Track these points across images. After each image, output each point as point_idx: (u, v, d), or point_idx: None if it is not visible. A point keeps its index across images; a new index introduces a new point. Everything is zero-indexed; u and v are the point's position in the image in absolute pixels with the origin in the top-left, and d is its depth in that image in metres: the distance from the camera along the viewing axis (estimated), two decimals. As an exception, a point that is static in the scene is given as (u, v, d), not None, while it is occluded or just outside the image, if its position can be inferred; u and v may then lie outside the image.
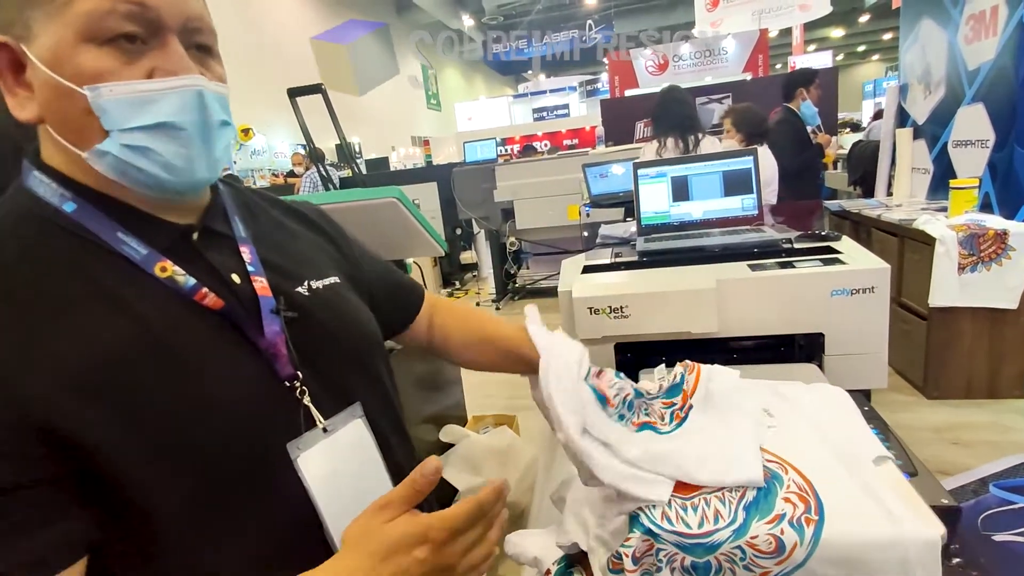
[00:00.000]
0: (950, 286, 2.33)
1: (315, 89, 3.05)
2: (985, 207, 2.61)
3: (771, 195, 2.88)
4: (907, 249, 2.62)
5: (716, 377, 0.65)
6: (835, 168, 5.59)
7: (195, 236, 0.56)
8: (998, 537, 0.89)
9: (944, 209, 2.62)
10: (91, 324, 0.47)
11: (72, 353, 0.46)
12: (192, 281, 0.53)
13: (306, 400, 0.57)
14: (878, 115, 5.16)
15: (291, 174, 8.45)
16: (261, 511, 0.52)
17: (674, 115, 2.86)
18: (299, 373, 0.57)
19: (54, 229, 0.50)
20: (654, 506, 0.54)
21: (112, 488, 0.46)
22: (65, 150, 0.51)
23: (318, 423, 0.57)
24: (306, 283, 0.63)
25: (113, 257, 0.51)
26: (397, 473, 0.64)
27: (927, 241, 2.40)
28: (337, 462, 0.58)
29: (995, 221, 2.34)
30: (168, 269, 0.52)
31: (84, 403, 0.45)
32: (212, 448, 0.49)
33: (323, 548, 0.55)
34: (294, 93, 3.12)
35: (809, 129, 3.61)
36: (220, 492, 0.50)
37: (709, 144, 2.86)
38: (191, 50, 0.53)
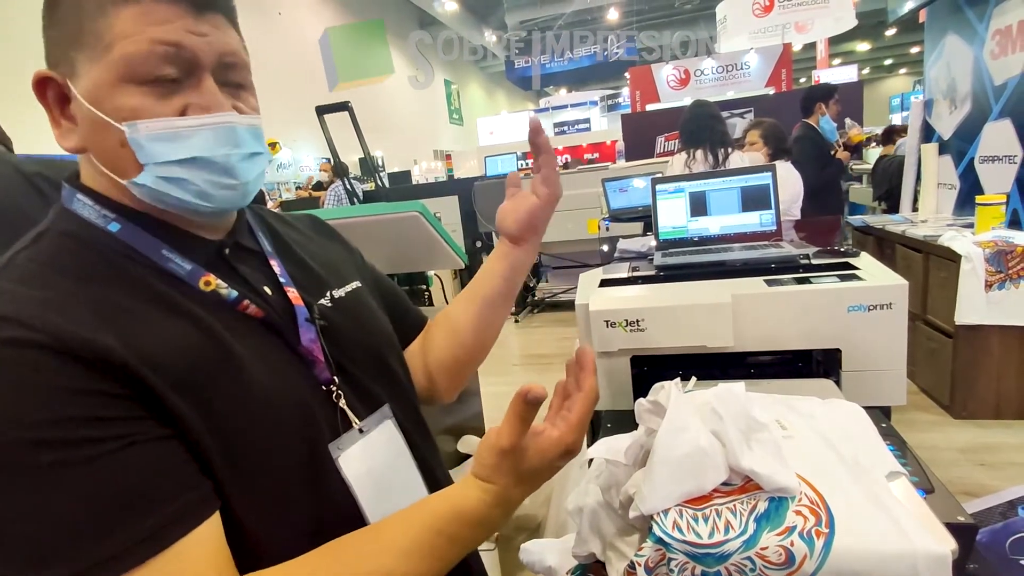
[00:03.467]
0: (977, 303, 2.29)
1: (342, 107, 3.13)
2: (1013, 223, 2.57)
3: (796, 210, 2.85)
4: (932, 266, 2.59)
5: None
6: (860, 182, 5.53)
7: (227, 251, 0.60)
8: (1027, 562, 0.86)
9: (970, 225, 2.58)
10: (162, 328, 0.51)
11: (155, 352, 0.48)
12: (234, 293, 0.56)
13: (342, 403, 0.60)
14: (888, 133, 4.97)
15: (317, 186, 8.59)
16: (311, 508, 0.56)
17: (707, 129, 2.90)
18: (335, 378, 0.60)
19: (104, 248, 0.53)
20: (666, 515, 0.55)
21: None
22: (106, 175, 0.54)
23: (354, 424, 0.61)
24: (328, 294, 0.67)
25: (160, 272, 0.54)
26: (424, 468, 0.68)
27: (953, 258, 2.37)
28: (372, 461, 0.61)
29: (1023, 238, 2.30)
30: (212, 283, 0.56)
31: (172, 392, 0.48)
32: (271, 449, 0.53)
33: None
34: (322, 111, 3.21)
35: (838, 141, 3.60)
36: (277, 492, 0.53)
37: (737, 159, 2.86)
38: (224, 85, 0.56)
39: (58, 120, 0.55)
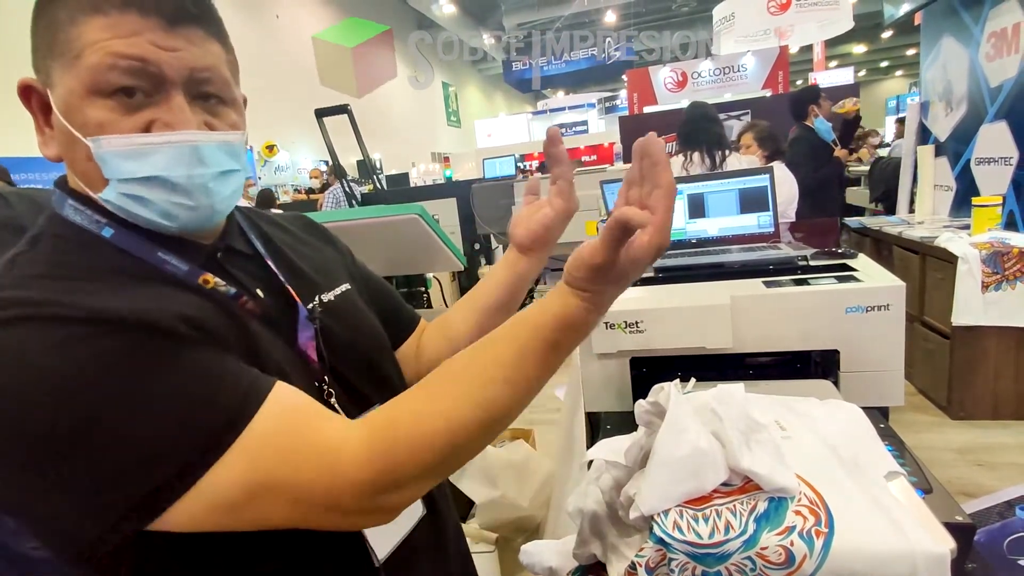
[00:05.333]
0: (973, 305, 2.29)
1: (341, 110, 3.14)
2: (1010, 225, 2.58)
3: (791, 212, 2.86)
4: (929, 267, 2.59)
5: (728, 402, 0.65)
6: (857, 184, 5.53)
7: (219, 255, 0.60)
8: (1025, 562, 0.87)
9: (967, 227, 2.59)
10: (184, 301, 0.52)
11: (183, 313, 0.50)
12: (233, 290, 0.57)
13: (332, 401, 0.60)
14: (847, 130, 4.57)
15: (311, 191, 8.59)
16: None
17: (704, 131, 2.88)
18: (326, 377, 0.61)
19: (100, 251, 0.53)
20: (666, 516, 0.55)
21: None
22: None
23: None
24: (318, 297, 0.66)
25: (159, 272, 0.54)
26: None
27: (949, 259, 2.37)
28: None
29: (1020, 239, 2.31)
30: (211, 281, 0.56)
31: (212, 338, 0.51)
32: None
33: (356, 538, 0.59)
34: (321, 113, 3.21)
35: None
36: None
37: (735, 161, 2.86)
38: (198, 100, 0.55)
39: (41, 127, 0.55)
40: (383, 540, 0.61)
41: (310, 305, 0.64)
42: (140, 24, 0.50)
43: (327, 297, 0.68)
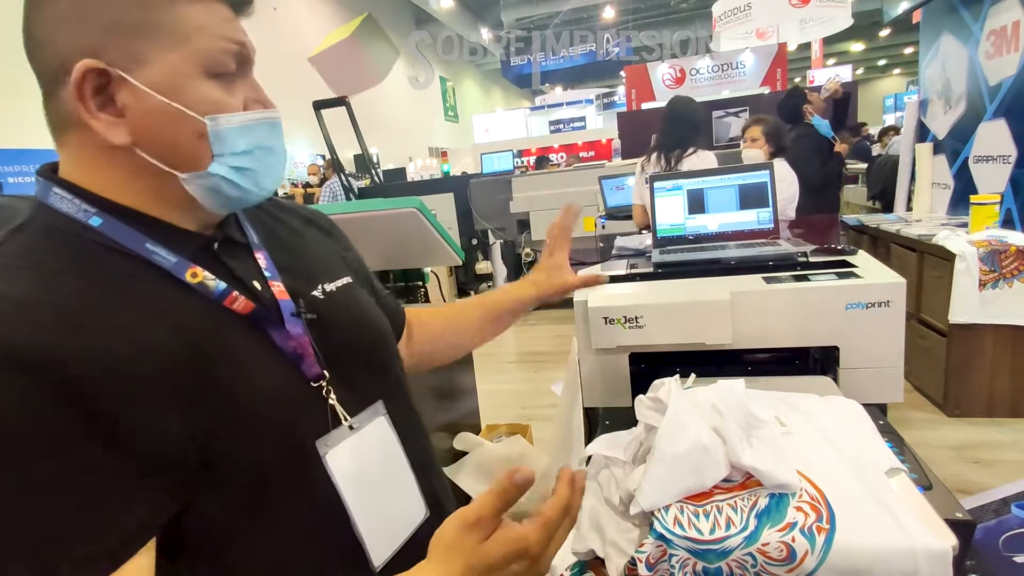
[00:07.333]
0: (970, 302, 2.30)
1: (339, 102, 3.12)
2: (1007, 223, 2.58)
3: (791, 211, 2.83)
4: (926, 265, 2.60)
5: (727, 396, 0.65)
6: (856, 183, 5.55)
7: (216, 245, 0.58)
8: (1020, 558, 0.87)
9: (964, 225, 2.59)
10: (135, 328, 0.48)
11: (122, 353, 0.46)
12: (222, 285, 0.55)
13: (332, 399, 0.59)
14: (839, 109, 4.19)
15: (307, 185, 8.54)
16: (293, 507, 0.54)
17: (669, 133, 2.84)
18: (325, 373, 0.59)
19: (85, 243, 0.51)
20: (667, 512, 0.55)
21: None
22: (92, 166, 0.52)
23: (344, 421, 0.59)
24: (320, 287, 0.65)
25: (144, 266, 0.52)
26: (419, 467, 0.67)
27: (947, 257, 2.38)
28: (363, 458, 0.60)
29: (1017, 237, 2.32)
30: (199, 275, 0.54)
31: (134, 393, 0.46)
32: (247, 449, 0.51)
33: (352, 541, 0.57)
34: (319, 105, 3.19)
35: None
36: (255, 491, 0.52)
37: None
38: None
39: (95, 113, 0.50)
40: (382, 546, 0.60)
41: (312, 292, 0.63)
42: (225, 11, 0.55)
43: (330, 287, 0.67)
